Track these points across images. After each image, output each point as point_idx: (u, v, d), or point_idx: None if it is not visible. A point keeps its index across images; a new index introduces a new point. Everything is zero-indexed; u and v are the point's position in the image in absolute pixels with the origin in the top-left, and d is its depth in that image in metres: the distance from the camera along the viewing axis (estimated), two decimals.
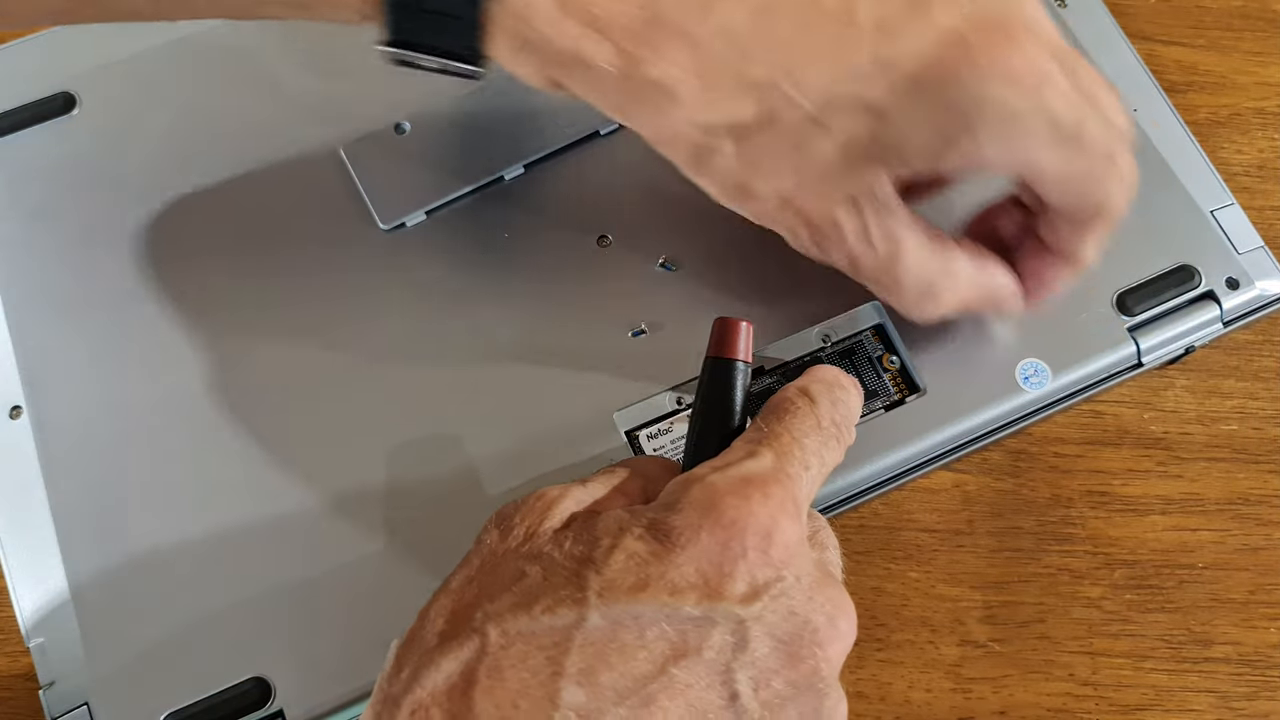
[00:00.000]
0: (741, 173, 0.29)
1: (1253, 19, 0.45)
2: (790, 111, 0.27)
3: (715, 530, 0.25)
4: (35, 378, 0.35)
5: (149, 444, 0.34)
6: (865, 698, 0.35)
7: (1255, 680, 0.35)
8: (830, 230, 0.30)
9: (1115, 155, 0.29)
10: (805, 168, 0.28)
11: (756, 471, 0.26)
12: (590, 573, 0.25)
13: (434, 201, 0.37)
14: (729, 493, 0.25)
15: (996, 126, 0.27)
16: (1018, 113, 0.27)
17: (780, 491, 0.26)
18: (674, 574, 0.24)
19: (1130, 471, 0.38)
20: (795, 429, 0.28)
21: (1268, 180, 0.42)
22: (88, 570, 0.33)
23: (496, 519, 0.28)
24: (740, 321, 0.30)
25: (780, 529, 0.25)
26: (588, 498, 0.28)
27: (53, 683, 0.32)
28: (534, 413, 0.34)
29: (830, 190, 0.29)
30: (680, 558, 0.25)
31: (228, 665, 0.32)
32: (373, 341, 0.36)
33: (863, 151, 0.28)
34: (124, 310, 0.36)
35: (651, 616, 0.24)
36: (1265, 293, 0.37)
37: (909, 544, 0.37)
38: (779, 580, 0.25)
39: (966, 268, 0.31)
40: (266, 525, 0.33)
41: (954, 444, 0.35)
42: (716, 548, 0.25)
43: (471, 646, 0.24)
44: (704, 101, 0.27)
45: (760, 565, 0.25)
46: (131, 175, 0.38)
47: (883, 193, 0.29)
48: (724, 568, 0.25)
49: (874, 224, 0.29)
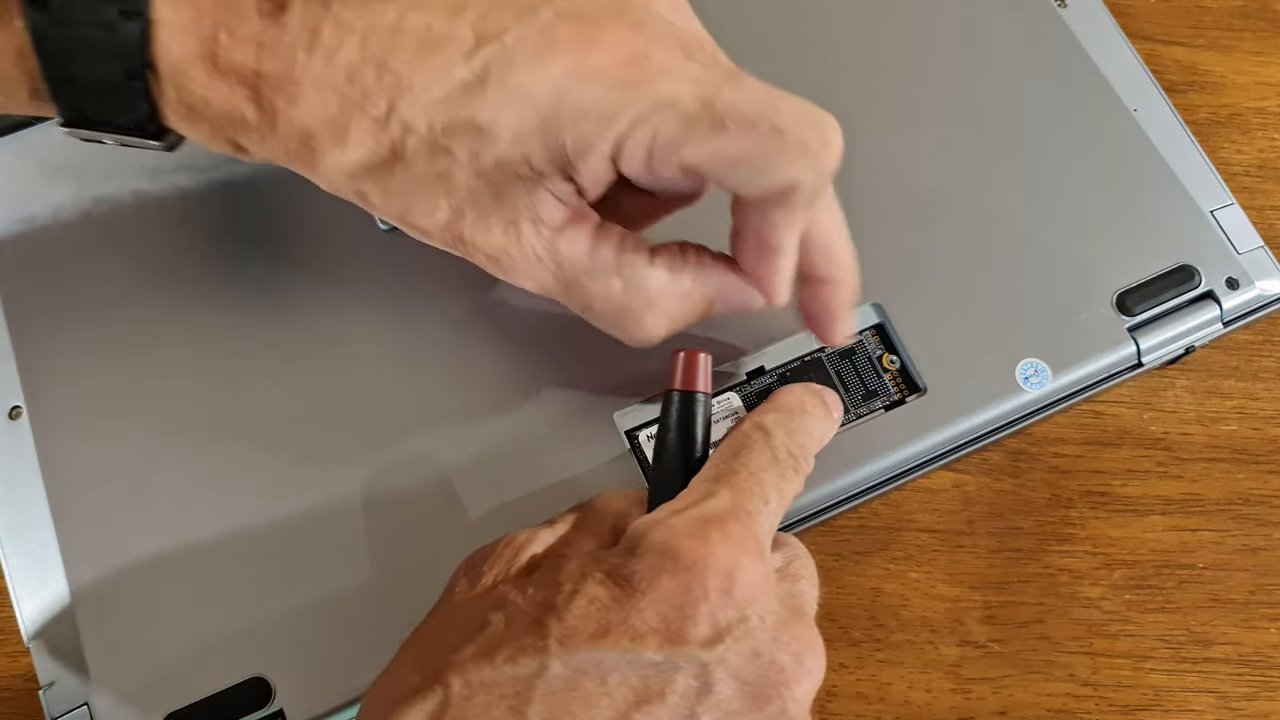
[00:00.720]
0: (396, 210, 0.28)
1: (1253, 19, 0.45)
2: (411, 141, 0.27)
3: (675, 573, 0.25)
4: (35, 378, 0.35)
5: (149, 444, 0.34)
6: (865, 698, 0.35)
7: (1255, 680, 0.35)
8: (501, 256, 0.28)
9: (782, 128, 0.25)
10: (450, 195, 0.27)
11: (715, 511, 0.26)
12: (552, 620, 0.25)
13: None
14: (688, 534, 0.25)
15: (602, 129, 0.26)
16: (618, 109, 0.25)
17: (740, 530, 0.26)
18: (635, 619, 0.24)
19: (1130, 472, 0.38)
20: (752, 464, 0.28)
21: (1268, 180, 0.42)
22: (88, 570, 0.33)
23: (466, 566, 0.28)
24: (700, 353, 0.30)
25: (742, 568, 0.25)
26: (554, 539, 0.28)
27: (53, 683, 0.32)
28: (534, 413, 0.34)
29: (485, 215, 0.28)
30: (641, 603, 0.25)
31: (228, 665, 0.32)
32: (371, 341, 0.36)
33: (502, 171, 0.27)
34: (124, 310, 0.36)
35: (613, 663, 0.24)
36: (1265, 293, 0.37)
37: (909, 544, 0.37)
38: (742, 621, 0.25)
39: (661, 280, 0.29)
40: (267, 525, 0.33)
41: (954, 444, 0.35)
42: (677, 591, 0.25)
43: (435, 698, 0.24)
44: (339, 146, 0.27)
45: (722, 606, 0.25)
46: (131, 175, 0.38)
47: (544, 212, 0.28)
48: (685, 611, 0.25)
49: (537, 246, 0.28)
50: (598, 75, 0.25)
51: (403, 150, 0.27)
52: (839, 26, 0.40)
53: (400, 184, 0.28)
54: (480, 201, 0.27)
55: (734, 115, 0.25)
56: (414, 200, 0.28)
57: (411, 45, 0.26)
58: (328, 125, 0.27)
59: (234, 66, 0.26)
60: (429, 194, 0.28)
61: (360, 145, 0.27)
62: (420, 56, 0.26)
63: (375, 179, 0.28)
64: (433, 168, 0.27)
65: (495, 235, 0.28)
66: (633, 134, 0.25)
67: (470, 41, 0.26)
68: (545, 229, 0.28)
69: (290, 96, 0.27)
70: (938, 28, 0.40)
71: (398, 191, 0.28)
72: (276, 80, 0.26)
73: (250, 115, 0.27)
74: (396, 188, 0.28)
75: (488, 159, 0.26)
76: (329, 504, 0.33)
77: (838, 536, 0.37)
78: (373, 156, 0.27)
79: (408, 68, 0.26)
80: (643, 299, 0.29)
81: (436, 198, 0.28)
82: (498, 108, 0.26)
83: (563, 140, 0.26)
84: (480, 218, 0.28)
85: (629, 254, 0.29)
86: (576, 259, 0.28)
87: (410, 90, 0.26)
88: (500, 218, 0.28)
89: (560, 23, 0.25)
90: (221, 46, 0.26)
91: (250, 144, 0.28)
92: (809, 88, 0.39)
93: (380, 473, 0.34)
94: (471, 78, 0.26)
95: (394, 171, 0.27)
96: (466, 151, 0.27)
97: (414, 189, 0.28)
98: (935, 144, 0.38)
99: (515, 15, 0.26)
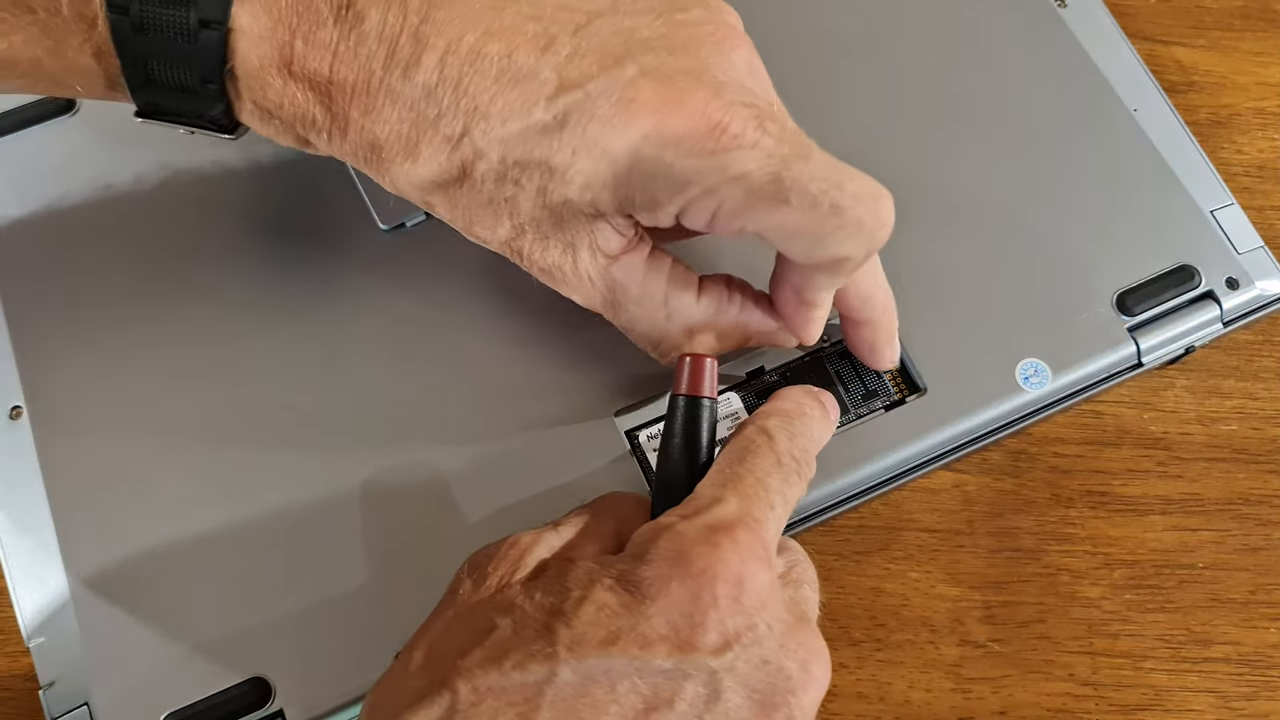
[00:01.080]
0: (462, 222, 0.29)
1: (1253, 19, 0.45)
2: (481, 166, 0.27)
3: (685, 580, 0.25)
4: (35, 378, 0.35)
5: (149, 444, 0.34)
6: (865, 698, 0.35)
7: (1255, 680, 0.35)
8: (555, 273, 0.30)
9: (842, 207, 0.26)
10: (513, 217, 0.28)
11: (724, 518, 0.26)
12: (560, 626, 0.25)
13: None
14: (698, 541, 0.25)
15: (672, 194, 0.26)
16: (691, 179, 0.26)
17: (749, 537, 0.26)
18: (644, 626, 0.24)
19: (1130, 471, 0.38)
20: (758, 469, 0.28)
21: (1268, 180, 0.42)
22: (88, 570, 0.33)
23: (470, 567, 0.28)
24: (706, 358, 0.30)
25: (751, 575, 0.25)
26: (559, 542, 0.28)
27: (53, 683, 0.32)
28: (535, 413, 0.34)
29: (545, 237, 0.29)
30: (650, 609, 0.25)
31: (228, 665, 0.32)
32: (371, 341, 0.36)
33: (567, 208, 0.28)
34: (124, 310, 0.36)
35: (622, 670, 0.24)
36: (1265, 293, 0.37)
37: (909, 544, 0.37)
38: (751, 629, 0.25)
39: (705, 314, 0.30)
40: (267, 525, 0.33)
41: (954, 444, 0.35)
42: (687, 598, 0.25)
43: (442, 704, 0.24)
44: (410, 159, 0.28)
45: (732, 614, 0.25)
46: (131, 175, 0.38)
47: (602, 241, 0.29)
48: (695, 618, 0.25)
49: (592, 271, 0.29)
50: (676, 143, 0.26)
51: (472, 172, 0.27)
52: (839, 27, 0.40)
53: (467, 200, 0.28)
54: (541, 226, 0.28)
55: (799, 191, 0.26)
56: (478, 215, 0.29)
57: (491, 73, 0.26)
58: (399, 139, 0.27)
59: (309, 73, 0.27)
60: (493, 213, 0.28)
61: (431, 161, 0.27)
62: (500, 86, 0.26)
63: (443, 193, 0.28)
64: (500, 192, 0.28)
65: (553, 255, 0.29)
66: (702, 201, 0.26)
67: (553, 84, 0.26)
68: (601, 256, 0.29)
69: (364, 107, 0.27)
70: (938, 28, 0.40)
71: (463, 206, 0.29)
72: (351, 89, 0.27)
73: (321, 118, 0.28)
74: (463, 202, 0.29)
75: (555, 197, 0.27)
76: (330, 504, 0.33)
77: (838, 536, 0.37)
78: (443, 173, 0.28)
79: (485, 95, 0.26)
80: (684, 328, 0.31)
81: (500, 217, 0.29)
82: (572, 155, 0.26)
83: (632, 195, 0.27)
84: (540, 239, 0.29)
85: (678, 287, 0.30)
86: (629, 287, 0.30)
87: (486, 118, 0.26)
88: (559, 241, 0.29)
89: (644, 81, 0.26)
90: (297, 53, 0.27)
91: (319, 143, 0.29)
92: (809, 88, 0.39)
93: (381, 472, 0.34)
94: (550, 120, 0.26)
95: (461, 188, 0.28)
96: (535, 186, 0.27)
97: (479, 207, 0.28)
98: (935, 144, 0.38)
99: (600, 64, 0.26)
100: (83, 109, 0.39)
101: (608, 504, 0.30)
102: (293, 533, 0.33)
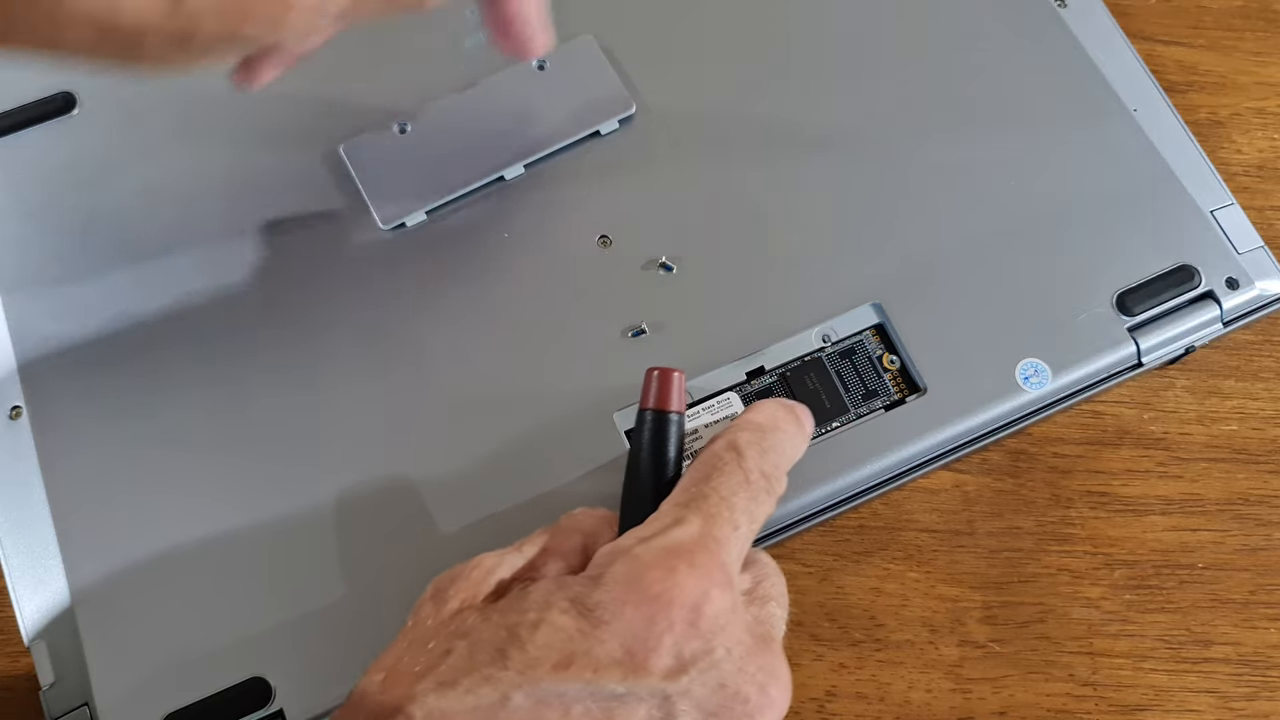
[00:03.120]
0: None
1: (1253, 19, 0.45)
2: None
3: (640, 605, 0.25)
4: (35, 378, 0.35)
5: (149, 445, 0.34)
6: (865, 698, 0.35)
7: (1255, 680, 0.35)
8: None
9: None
10: None
11: (682, 541, 0.26)
12: (514, 650, 0.24)
13: (434, 201, 0.37)
14: (654, 565, 0.25)
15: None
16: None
17: (708, 559, 0.26)
18: (598, 650, 0.24)
19: (1130, 472, 0.38)
20: (723, 488, 0.27)
21: (1268, 180, 0.42)
22: (88, 570, 0.33)
23: (433, 590, 0.27)
24: (674, 372, 0.30)
25: (709, 600, 0.25)
26: (521, 562, 0.28)
27: (53, 683, 0.32)
28: (535, 412, 0.34)
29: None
30: (605, 634, 0.24)
31: (228, 665, 0.32)
32: (372, 340, 0.36)
33: None
34: (124, 310, 0.36)
35: (576, 694, 0.24)
36: (1265, 293, 0.37)
37: (909, 544, 0.37)
38: (708, 653, 0.25)
39: None
40: (267, 525, 0.33)
41: (954, 444, 0.35)
42: (642, 623, 0.24)
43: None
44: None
45: (687, 638, 0.25)
46: (131, 175, 0.38)
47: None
48: (649, 643, 0.24)
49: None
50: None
51: None
52: (839, 27, 0.40)
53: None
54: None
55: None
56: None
57: None
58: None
59: None
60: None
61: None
62: None
63: None
64: None
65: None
66: None
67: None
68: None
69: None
70: (938, 28, 0.40)
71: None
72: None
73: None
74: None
75: None
76: (330, 504, 0.33)
77: (838, 536, 0.37)
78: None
79: None
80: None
81: None
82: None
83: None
84: None
85: None
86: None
87: None
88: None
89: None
90: None
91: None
92: (809, 88, 0.39)
93: (381, 472, 0.34)
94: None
95: None
96: None
97: None
98: (935, 144, 0.38)
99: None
100: (83, 109, 0.39)
101: (573, 521, 0.29)
102: (294, 533, 0.33)
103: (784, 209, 0.37)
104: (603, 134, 0.38)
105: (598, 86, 0.39)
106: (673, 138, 0.38)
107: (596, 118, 0.38)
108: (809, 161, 0.38)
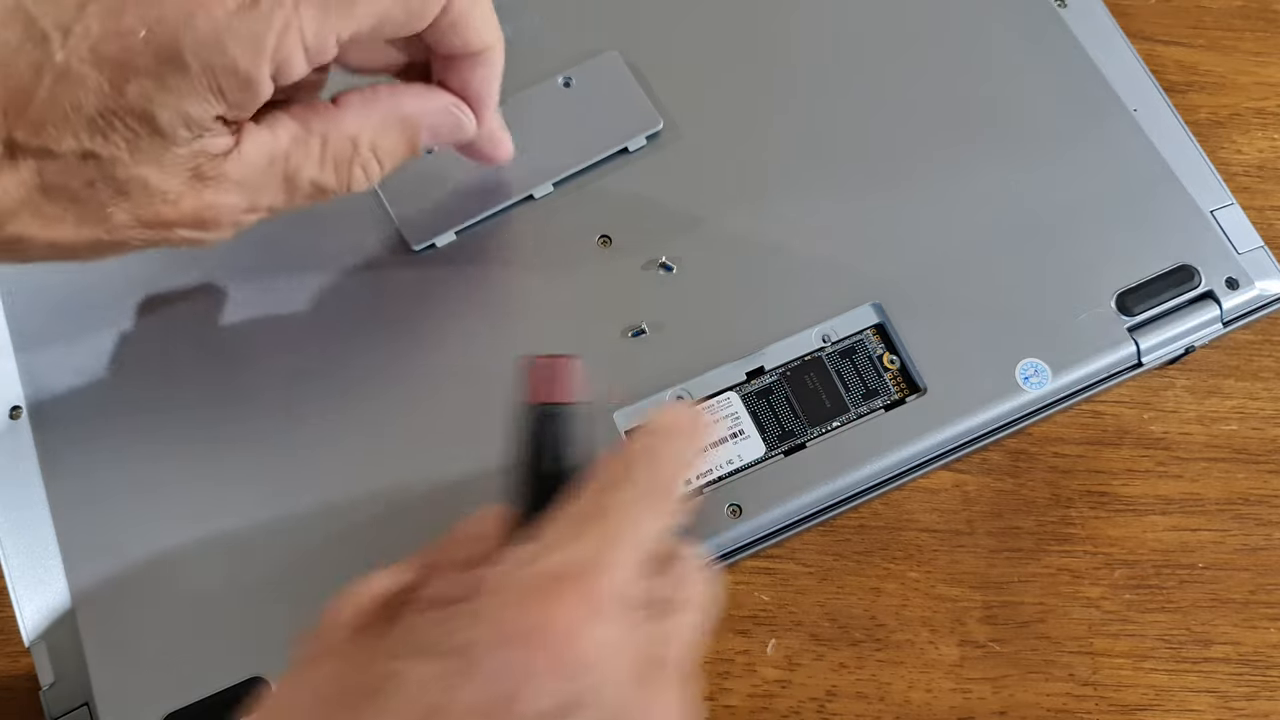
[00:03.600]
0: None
1: (1253, 19, 0.45)
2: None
3: (505, 647, 0.22)
4: (35, 378, 0.35)
5: (149, 444, 0.34)
6: (865, 698, 0.35)
7: (1255, 680, 0.35)
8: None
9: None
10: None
11: (561, 567, 0.23)
12: (369, 711, 0.22)
13: (464, 222, 0.37)
14: (528, 594, 0.23)
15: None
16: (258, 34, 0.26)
17: (586, 586, 0.23)
18: (463, 698, 0.22)
19: (1130, 471, 0.38)
20: (617, 503, 0.25)
21: (1268, 180, 0.42)
22: (88, 570, 0.33)
23: (310, 630, 0.26)
24: (560, 358, 0.26)
25: (582, 636, 0.22)
26: (395, 585, 0.25)
27: (53, 683, 0.32)
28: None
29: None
30: (470, 680, 0.22)
31: (228, 665, 0.32)
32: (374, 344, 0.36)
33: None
34: (124, 309, 0.36)
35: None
36: (1265, 293, 0.37)
37: (909, 544, 0.37)
38: (577, 703, 0.22)
39: (353, 120, 0.29)
40: (267, 525, 0.33)
41: (954, 444, 0.35)
42: (503, 670, 0.22)
43: None
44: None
45: (555, 683, 0.22)
46: None
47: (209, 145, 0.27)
48: (511, 691, 0.22)
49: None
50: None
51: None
52: (838, 27, 0.40)
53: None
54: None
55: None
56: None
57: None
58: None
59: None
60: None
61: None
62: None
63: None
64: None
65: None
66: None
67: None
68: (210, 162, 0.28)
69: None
70: (938, 28, 0.40)
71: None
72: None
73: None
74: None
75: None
76: (330, 502, 0.33)
77: (838, 536, 0.37)
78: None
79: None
80: (347, 146, 0.29)
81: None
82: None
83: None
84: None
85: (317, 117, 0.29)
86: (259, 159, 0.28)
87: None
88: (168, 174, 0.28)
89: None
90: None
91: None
92: (808, 88, 0.39)
93: (381, 473, 0.34)
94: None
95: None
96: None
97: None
98: (935, 144, 0.38)
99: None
100: None
101: (471, 525, 0.27)
102: (294, 532, 0.33)
103: (784, 209, 0.37)
104: (630, 151, 0.38)
105: (624, 103, 0.38)
106: (696, 150, 0.38)
107: (624, 135, 0.38)
108: (809, 161, 0.38)
